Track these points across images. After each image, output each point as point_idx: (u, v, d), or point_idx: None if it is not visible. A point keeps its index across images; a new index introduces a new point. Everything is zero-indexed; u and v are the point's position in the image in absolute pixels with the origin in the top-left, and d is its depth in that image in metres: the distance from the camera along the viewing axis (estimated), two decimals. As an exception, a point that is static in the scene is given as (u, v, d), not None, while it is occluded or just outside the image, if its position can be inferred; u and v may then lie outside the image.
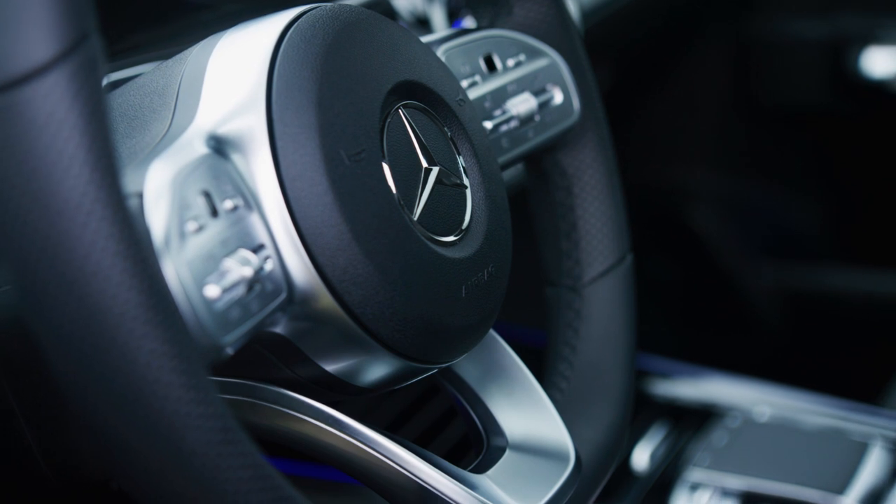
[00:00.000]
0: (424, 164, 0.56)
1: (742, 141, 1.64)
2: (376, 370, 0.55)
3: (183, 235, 0.45)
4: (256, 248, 0.49)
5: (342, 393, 0.56)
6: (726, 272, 1.63)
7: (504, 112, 0.66)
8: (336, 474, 0.62)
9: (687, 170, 1.65)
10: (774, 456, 0.90)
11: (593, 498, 0.63)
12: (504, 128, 0.65)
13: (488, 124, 0.65)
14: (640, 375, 1.06)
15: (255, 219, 0.49)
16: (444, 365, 0.58)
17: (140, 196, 0.46)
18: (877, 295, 1.58)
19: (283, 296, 0.50)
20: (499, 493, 0.57)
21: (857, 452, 0.90)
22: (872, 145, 1.58)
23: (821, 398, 0.99)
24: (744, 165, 1.65)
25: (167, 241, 0.45)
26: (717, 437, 0.94)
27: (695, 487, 0.90)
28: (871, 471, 0.88)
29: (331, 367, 0.54)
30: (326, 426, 0.53)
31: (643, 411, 1.01)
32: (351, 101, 0.53)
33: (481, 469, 0.59)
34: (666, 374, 1.06)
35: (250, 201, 0.49)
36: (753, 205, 1.66)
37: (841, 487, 0.86)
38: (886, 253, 1.60)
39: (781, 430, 0.94)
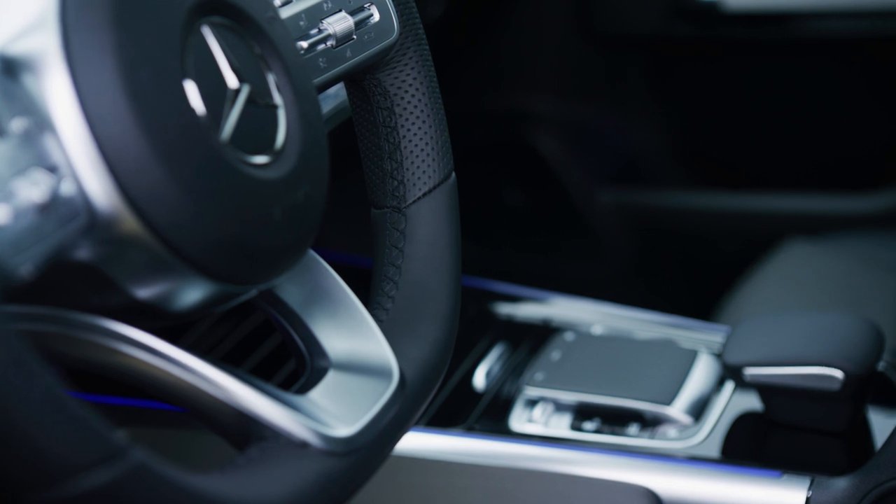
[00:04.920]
0: (231, 83, 0.55)
1: (585, 67, 1.66)
2: (190, 294, 0.54)
3: None
4: (51, 170, 0.47)
5: (156, 320, 0.55)
6: (571, 197, 1.66)
7: (320, 31, 0.65)
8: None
9: (532, 96, 1.67)
10: (607, 369, 0.93)
11: (418, 413, 0.63)
12: (321, 47, 0.65)
13: (304, 43, 0.64)
14: (483, 298, 1.07)
15: (49, 140, 0.48)
16: (260, 286, 0.58)
17: None
18: (714, 218, 1.63)
19: (82, 218, 0.48)
20: (320, 413, 0.57)
21: (686, 364, 0.93)
22: (708, 68, 1.62)
23: (656, 315, 1.02)
24: (587, 91, 1.67)
25: None
26: (553, 353, 0.96)
27: (531, 403, 0.92)
28: (696, 381, 0.92)
29: (142, 294, 0.53)
30: (137, 352, 0.52)
31: (485, 333, 1.02)
32: (150, 18, 0.51)
33: (303, 390, 0.59)
34: (509, 297, 1.07)
35: (44, 122, 0.48)
36: (597, 130, 1.69)
37: (668, 398, 0.89)
38: (725, 176, 1.66)
39: (614, 344, 0.97)
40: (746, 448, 0.87)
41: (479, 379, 0.96)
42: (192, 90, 0.52)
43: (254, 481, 0.52)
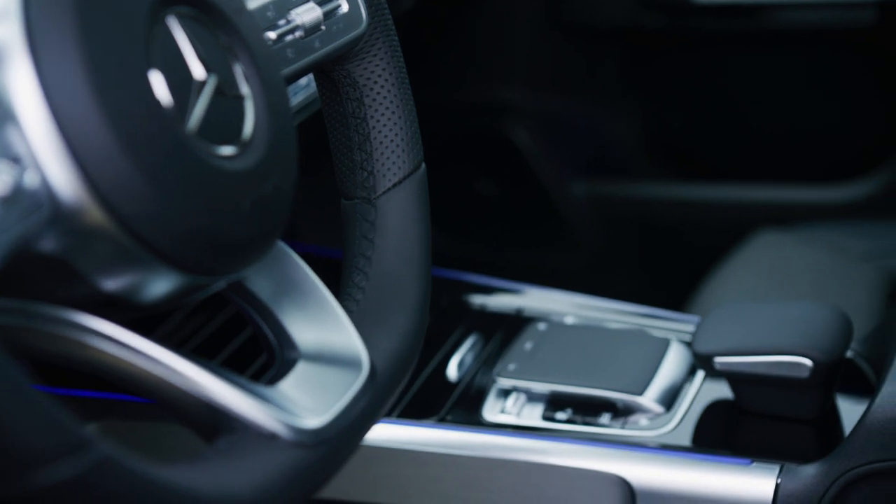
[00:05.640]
0: (197, 73, 0.54)
1: (557, 58, 1.66)
2: (157, 286, 0.54)
3: None
4: (14, 161, 0.47)
5: (125, 312, 0.55)
6: (545, 188, 1.66)
7: (288, 21, 0.65)
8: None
9: (506, 87, 1.67)
10: (579, 359, 0.93)
11: (388, 404, 0.63)
12: (289, 38, 0.64)
13: (272, 34, 0.64)
14: (456, 289, 1.07)
15: (12, 131, 0.48)
16: (229, 278, 0.58)
17: None
18: (687, 208, 1.64)
19: (46, 209, 0.48)
20: (290, 404, 0.57)
21: (657, 353, 0.93)
22: (679, 59, 1.63)
23: (628, 306, 1.03)
24: (560, 83, 1.67)
25: None
26: (526, 343, 0.96)
27: (503, 393, 0.92)
28: (667, 371, 0.92)
29: (109, 285, 0.53)
30: (103, 344, 0.52)
31: (458, 324, 1.02)
32: (115, 9, 0.51)
33: (273, 382, 0.59)
34: (482, 288, 1.07)
35: (6, 113, 0.48)
36: (570, 121, 1.69)
37: (640, 388, 0.90)
38: (697, 167, 1.66)
39: (586, 334, 0.97)
40: (717, 436, 0.88)
41: (452, 370, 0.96)
42: (157, 81, 0.52)
43: (222, 473, 0.52)
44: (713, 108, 1.63)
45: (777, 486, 0.81)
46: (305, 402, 0.58)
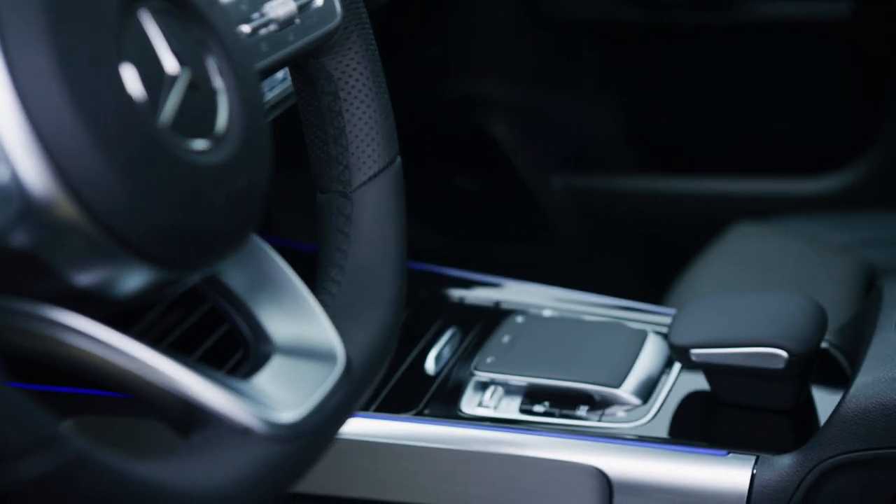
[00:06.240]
0: (170, 67, 0.54)
1: (536, 52, 1.66)
2: (131, 280, 0.54)
3: None
4: None
5: (99, 307, 0.55)
6: (524, 181, 1.67)
7: (262, 15, 0.64)
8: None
9: (485, 81, 1.67)
10: (557, 352, 0.93)
11: (364, 397, 0.63)
12: (263, 31, 0.64)
13: (246, 28, 0.63)
14: (435, 283, 1.07)
15: None
16: (203, 272, 0.57)
17: None
18: (665, 201, 1.65)
19: (16, 203, 0.48)
20: (265, 398, 0.57)
21: (634, 346, 0.94)
22: (657, 53, 1.63)
23: (607, 299, 1.03)
24: (539, 76, 1.67)
25: None
26: (503, 336, 0.96)
27: (481, 387, 0.93)
28: (645, 363, 0.93)
29: (81, 280, 0.53)
30: (76, 339, 0.52)
31: (436, 318, 1.02)
32: (86, 2, 0.51)
33: (248, 376, 0.59)
34: (461, 282, 1.08)
35: None
36: (549, 115, 1.69)
37: (617, 381, 0.90)
38: (675, 160, 1.67)
39: (564, 327, 0.97)
40: (693, 428, 0.88)
41: (430, 363, 0.96)
42: (129, 74, 0.51)
43: (196, 468, 0.52)
44: (691, 101, 1.64)
45: (753, 476, 0.82)
46: (280, 395, 0.58)
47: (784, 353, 0.84)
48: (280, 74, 0.84)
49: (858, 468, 0.80)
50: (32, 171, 0.48)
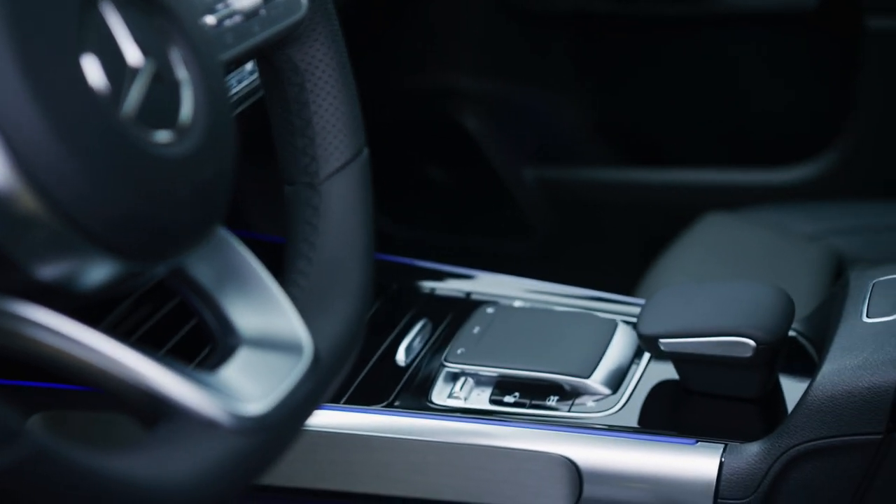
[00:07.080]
0: (133, 58, 0.54)
1: (507, 44, 1.66)
2: (95, 273, 0.54)
3: None
4: None
5: (63, 300, 0.55)
6: (496, 173, 1.67)
7: (227, 6, 0.64)
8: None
9: (456, 73, 1.67)
10: (527, 343, 0.93)
11: (332, 389, 0.63)
12: (228, 22, 0.64)
13: (211, 19, 0.63)
14: (406, 275, 1.07)
15: None
16: (168, 264, 0.57)
17: None
18: (637, 193, 1.65)
19: None
20: (231, 390, 0.57)
21: (604, 336, 0.94)
22: (627, 44, 1.64)
23: (577, 290, 1.03)
24: (510, 68, 1.68)
25: None
26: (473, 327, 0.96)
27: (451, 378, 0.93)
28: (614, 353, 0.93)
29: (45, 273, 0.52)
30: (39, 333, 0.52)
31: (407, 310, 1.02)
32: None
33: (214, 368, 0.59)
34: (432, 274, 1.08)
35: None
36: (520, 106, 1.69)
37: (587, 371, 0.90)
38: (646, 151, 1.68)
39: (534, 317, 0.98)
40: (662, 417, 0.89)
41: (401, 355, 0.96)
42: (91, 65, 0.51)
43: (161, 461, 0.51)
44: (661, 92, 1.64)
45: (721, 464, 0.82)
46: (247, 388, 0.58)
47: (751, 342, 0.85)
48: (249, 66, 0.83)
49: (825, 455, 0.81)
50: None
